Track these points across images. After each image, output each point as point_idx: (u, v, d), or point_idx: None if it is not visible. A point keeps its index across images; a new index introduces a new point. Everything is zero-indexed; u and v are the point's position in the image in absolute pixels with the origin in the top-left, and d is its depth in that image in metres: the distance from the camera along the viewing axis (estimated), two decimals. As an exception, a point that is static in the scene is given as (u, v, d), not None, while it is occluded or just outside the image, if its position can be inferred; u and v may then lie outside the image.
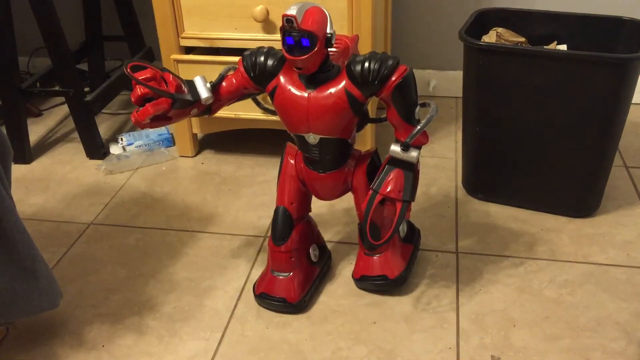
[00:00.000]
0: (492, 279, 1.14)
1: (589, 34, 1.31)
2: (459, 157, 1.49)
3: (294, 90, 0.95)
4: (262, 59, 0.97)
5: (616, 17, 1.29)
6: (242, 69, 0.99)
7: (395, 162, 0.97)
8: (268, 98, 0.99)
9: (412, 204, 0.99)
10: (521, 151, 1.27)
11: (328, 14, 0.91)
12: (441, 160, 1.53)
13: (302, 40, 0.88)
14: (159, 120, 0.97)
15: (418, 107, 0.96)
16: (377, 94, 0.94)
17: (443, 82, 1.86)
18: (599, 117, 1.18)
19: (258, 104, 1.10)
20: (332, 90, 0.94)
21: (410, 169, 0.97)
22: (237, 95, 1.02)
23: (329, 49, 0.94)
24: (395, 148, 0.96)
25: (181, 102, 0.96)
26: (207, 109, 1.02)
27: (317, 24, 0.88)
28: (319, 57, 0.91)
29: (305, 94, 0.95)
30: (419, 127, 0.94)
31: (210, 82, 1.00)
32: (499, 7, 1.38)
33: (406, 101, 0.95)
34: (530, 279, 1.14)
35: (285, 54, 0.91)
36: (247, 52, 0.99)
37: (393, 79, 0.92)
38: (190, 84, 0.98)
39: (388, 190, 0.97)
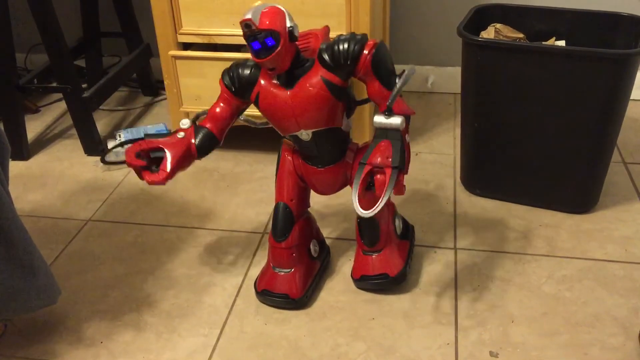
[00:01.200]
0: (490, 275, 1.14)
1: (587, 30, 1.31)
2: (458, 153, 1.49)
3: (275, 92, 0.96)
4: (238, 71, 0.98)
5: (615, 12, 1.29)
6: (223, 87, 1.00)
7: (381, 134, 0.94)
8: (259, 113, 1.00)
9: (408, 194, 0.97)
10: (519, 147, 1.27)
11: (285, 10, 0.91)
12: (439, 156, 1.53)
13: (266, 41, 0.89)
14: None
15: (397, 77, 0.95)
16: (355, 73, 0.94)
17: (441, 78, 1.86)
18: (597, 112, 1.18)
19: (253, 123, 1.11)
20: (310, 82, 0.94)
21: (397, 138, 0.93)
22: (234, 115, 1.03)
23: (299, 45, 0.95)
24: (379, 117, 0.93)
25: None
26: (212, 143, 1.03)
27: (274, 21, 0.89)
28: (287, 53, 0.91)
29: (287, 93, 0.95)
30: (397, 87, 0.92)
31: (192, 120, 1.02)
32: (497, 2, 1.38)
33: (383, 72, 0.94)
34: (528, 274, 1.14)
35: (254, 59, 0.91)
36: (223, 71, 1.00)
37: (365, 52, 0.92)
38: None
39: (375, 159, 0.93)
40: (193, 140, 1.01)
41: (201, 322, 1.07)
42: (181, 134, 1.01)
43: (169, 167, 0.99)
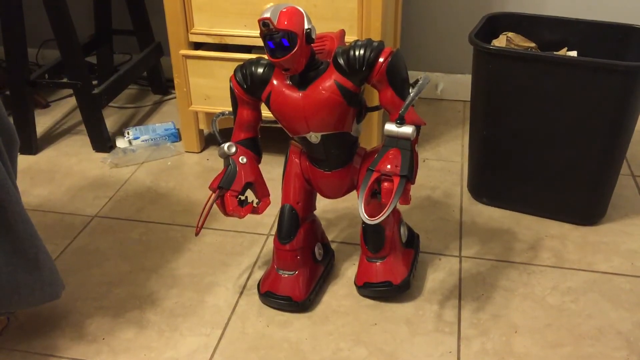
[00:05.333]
0: (494, 284, 1.14)
1: (599, 41, 1.30)
2: (465, 161, 1.48)
3: (287, 93, 0.96)
4: (252, 69, 0.98)
5: (627, 24, 1.28)
6: (235, 84, 1.00)
7: (391, 142, 0.94)
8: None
9: (415, 201, 0.97)
10: (528, 156, 1.27)
11: (304, 11, 0.91)
12: (447, 164, 1.53)
13: (282, 41, 0.89)
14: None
15: (410, 86, 0.95)
16: (368, 80, 0.94)
17: (451, 85, 1.85)
18: (607, 124, 1.18)
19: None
20: (324, 85, 0.94)
21: (407, 147, 0.93)
22: (258, 111, 1.03)
23: (315, 47, 0.95)
24: (390, 126, 0.94)
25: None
26: (260, 144, 1.06)
27: (292, 22, 0.89)
28: (303, 54, 0.91)
29: (299, 95, 0.95)
30: (410, 96, 0.93)
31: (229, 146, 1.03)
32: (509, 11, 1.37)
33: (398, 80, 0.94)
34: (533, 285, 1.14)
35: (270, 58, 0.91)
36: (236, 67, 1.00)
37: (381, 60, 0.92)
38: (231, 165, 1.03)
39: (384, 167, 0.92)
40: (251, 154, 1.04)
41: (203, 321, 1.07)
42: (243, 159, 1.02)
43: (269, 193, 1.06)
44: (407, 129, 0.92)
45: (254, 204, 1.04)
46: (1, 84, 1.78)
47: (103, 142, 1.61)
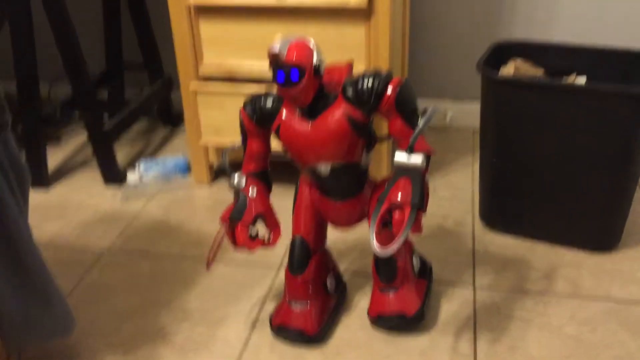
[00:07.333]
0: (510, 315, 1.12)
1: (608, 66, 1.30)
2: (476, 189, 1.47)
3: (296, 124, 0.96)
4: (261, 102, 0.99)
5: (636, 49, 1.28)
6: (244, 116, 1.01)
7: (401, 172, 0.93)
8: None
9: (426, 230, 0.95)
10: (540, 184, 1.26)
11: (313, 43, 0.91)
12: (458, 192, 1.52)
13: (291, 74, 0.89)
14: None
15: (419, 116, 0.94)
16: (378, 110, 0.94)
17: (460, 113, 1.85)
18: (619, 150, 1.17)
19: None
20: (333, 116, 0.94)
21: (418, 177, 0.92)
22: (268, 142, 1.04)
23: (323, 79, 0.95)
24: (400, 155, 0.93)
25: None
26: (269, 176, 1.06)
27: (301, 56, 0.89)
28: (311, 87, 0.92)
29: (308, 126, 0.95)
30: (419, 125, 0.92)
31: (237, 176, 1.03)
32: (516, 39, 1.38)
33: (407, 111, 0.94)
34: (549, 315, 1.12)
35: (279, 90, 0.92)
36: (245, 101, 1.01)
37: (389, 93, 0.92)
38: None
39: (395, 197, 0.91)
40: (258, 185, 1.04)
41: (215, 356, 1.06)
42: (253, 191, 1.02)
43: (279, 225, 1.05)
44: (417, 159, 0.92)
45: (265, 238, 1.03)
46: (13, 119, 1.79)
47: (114, 176, 1.62)
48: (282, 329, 1.07)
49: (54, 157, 1.78)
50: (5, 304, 0.94)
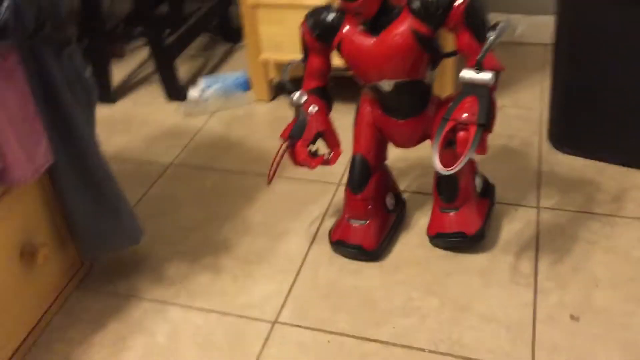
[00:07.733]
0: (574, 236, 1.09)
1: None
2: (545, 108, 1.41)
3: (359, 39, 0.93)
4: (322, 15, 0.96)
5: None
6: (307, 29, 0.98)
7: (468, 89, 0.89)
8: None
9: (491, 151, 0.92)
10: (616, 103, 1.19)
11: None
12: (525, 111, 1.46)
13: None
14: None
15: (490, 30, 0.89)
16: (445, 24, 0.90)
17: (531, 27, 1.75)
18: None
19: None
20: (397, 31, 0.91)
21: (485, 95, 0.88)
22: (329, 59, 1.01)
23: None
24: (467, 72, 0.89)
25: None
26: (329, 93, 1.04)
27: None
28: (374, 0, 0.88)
29: (372, 41, 0.92)
30: (490, 39, 0.87)
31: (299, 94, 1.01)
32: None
33: (476, 24, 0.89)
34: (616, 238, 1.08)
35: (342, 3, 0.89)
36: (307, 14, 0.98)
37: (458, 2, 0.88)
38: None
39: (460, 115, 0.88)
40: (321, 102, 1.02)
41: (276, 268, 1.09)
42: (314, 108, 1.01)
43: (339, 143, 1.05)
44: (486, 75, 0.88)
45: (325, 156, 1.03)
46: (78, 34, 1.82)
47: (176, 92, 1.64)
48: (341, 243, 1.09)
49: (118, 74, 1.80)
50: (79, 215, 0.99)
